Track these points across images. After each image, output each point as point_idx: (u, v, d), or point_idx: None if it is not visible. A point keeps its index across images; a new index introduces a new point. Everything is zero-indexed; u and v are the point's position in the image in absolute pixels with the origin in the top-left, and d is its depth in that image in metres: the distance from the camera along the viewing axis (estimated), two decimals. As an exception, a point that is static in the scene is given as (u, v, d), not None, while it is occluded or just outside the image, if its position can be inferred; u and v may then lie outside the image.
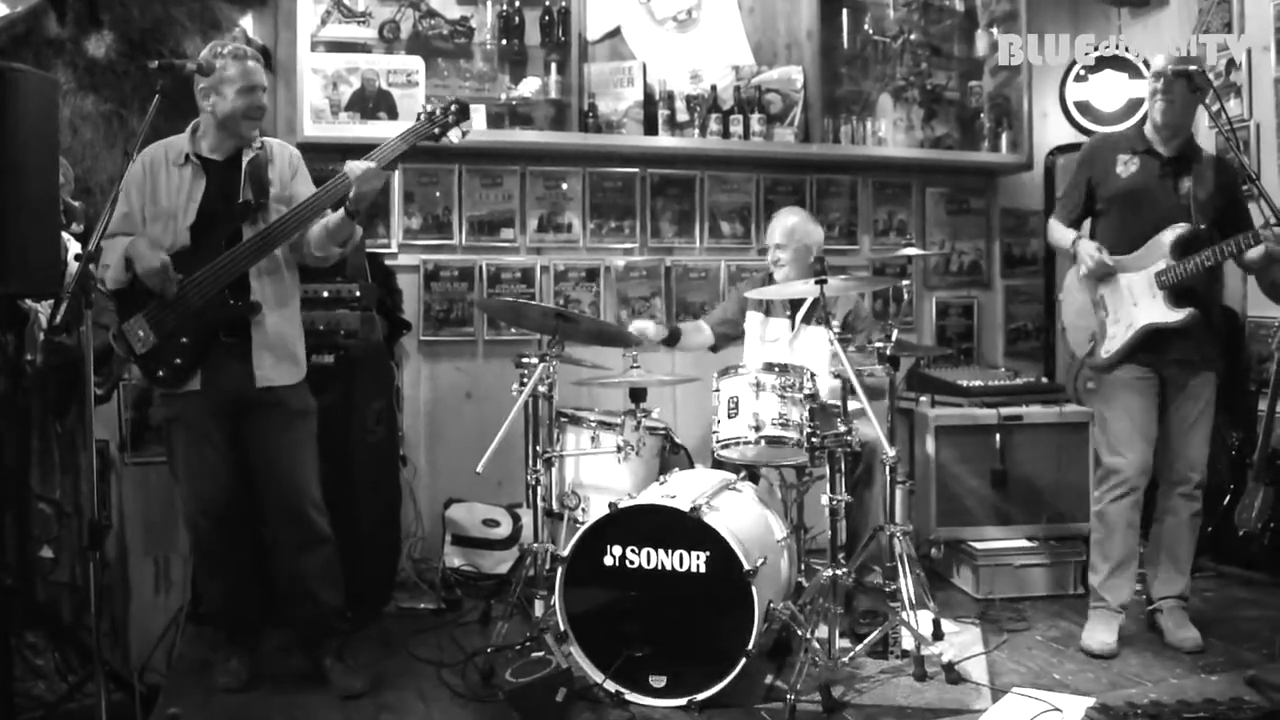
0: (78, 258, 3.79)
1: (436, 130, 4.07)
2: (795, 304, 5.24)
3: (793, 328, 5.22)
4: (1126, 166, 4.64)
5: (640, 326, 5.26)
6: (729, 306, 5.56)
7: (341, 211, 3.94)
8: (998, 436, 5.58)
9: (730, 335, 5.49)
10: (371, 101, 5.57)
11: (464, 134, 4.15)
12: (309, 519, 4.11)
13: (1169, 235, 4.49)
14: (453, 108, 4.09)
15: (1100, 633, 4.58)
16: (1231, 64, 6.13)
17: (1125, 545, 4.65)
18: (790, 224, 5.26)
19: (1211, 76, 5.76)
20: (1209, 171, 4.58)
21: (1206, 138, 6.09)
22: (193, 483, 4.08)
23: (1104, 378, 4.71)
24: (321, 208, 3.95)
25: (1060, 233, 4.85)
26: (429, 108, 4.15)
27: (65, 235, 4.19)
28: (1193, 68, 4.34)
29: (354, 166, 3.87)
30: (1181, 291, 4.48)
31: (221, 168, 4.06)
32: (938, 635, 4.69)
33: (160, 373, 3.93)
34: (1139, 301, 4.55)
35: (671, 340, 5.38)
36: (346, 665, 4.20)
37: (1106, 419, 4.72)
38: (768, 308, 5.33)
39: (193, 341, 3.90)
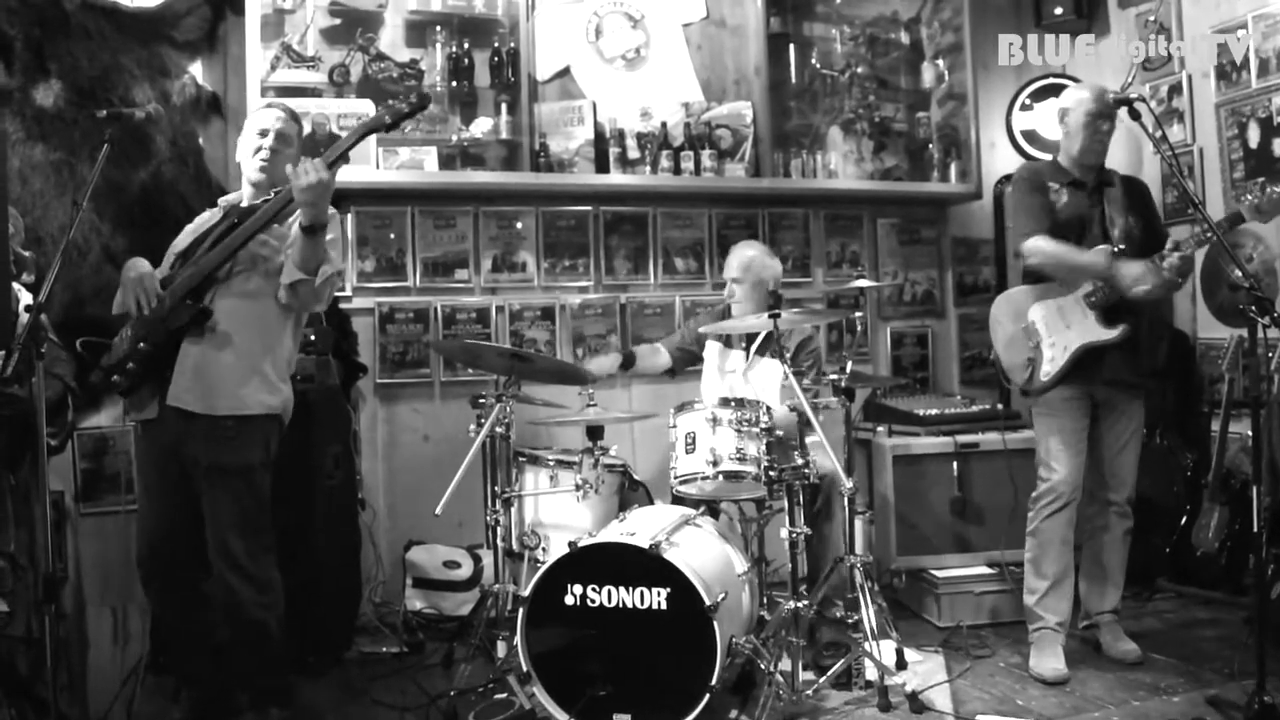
0: (28, 308, 3.76)
1: (388, 119, 3.94)
2: (750, 336, 5.27)
3: (747, 359, 5.25)
4: (1059, 197, 4.77)
5: (596, 364, 5.29)
6: (687, 334, 5.61)
7: (299, 230, 3.75)
8: (955, 464, 5.62)
9: (689, 360, 5.52)
10: (323, 146, 5.52)
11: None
12: (222, 579, 3.93)
13: None
14: (412, 97, 3.98)
15: (1049, 659, 4.64)
16: (1174, 90, 6.22)
17: (1060, 562, 4.75)
18: (748, 257, 5.31)
19: (1153, 104, 5.89)
20: (1122, 194, 4.75)
21: (1151, 164, 6.19)
22: (138, 518, 4.09)
23: (1039, 399, 4.81)
24: (274, 210, 3.82)
25: (1070, 249, 4.65)
26: (389, 101, 4.11)
27: (15, 286, 4.16)
28: (1132, 95, 4.42)
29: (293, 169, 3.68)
30: (1112, 310, 4.60)
31: (240, 210, 4.05)
32: (901, 665, 4.69)
33: (115, 377, 3.87)
34: (1072, 324, 4.67)
35: (627, 364, 5.41)
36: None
37: (1041, 437, 4.83)
38: (727, 339, 5.36)
39: (150, 346, 3.82)
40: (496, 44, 5.99)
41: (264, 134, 4.05)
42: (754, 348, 5.24)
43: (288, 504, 4.35)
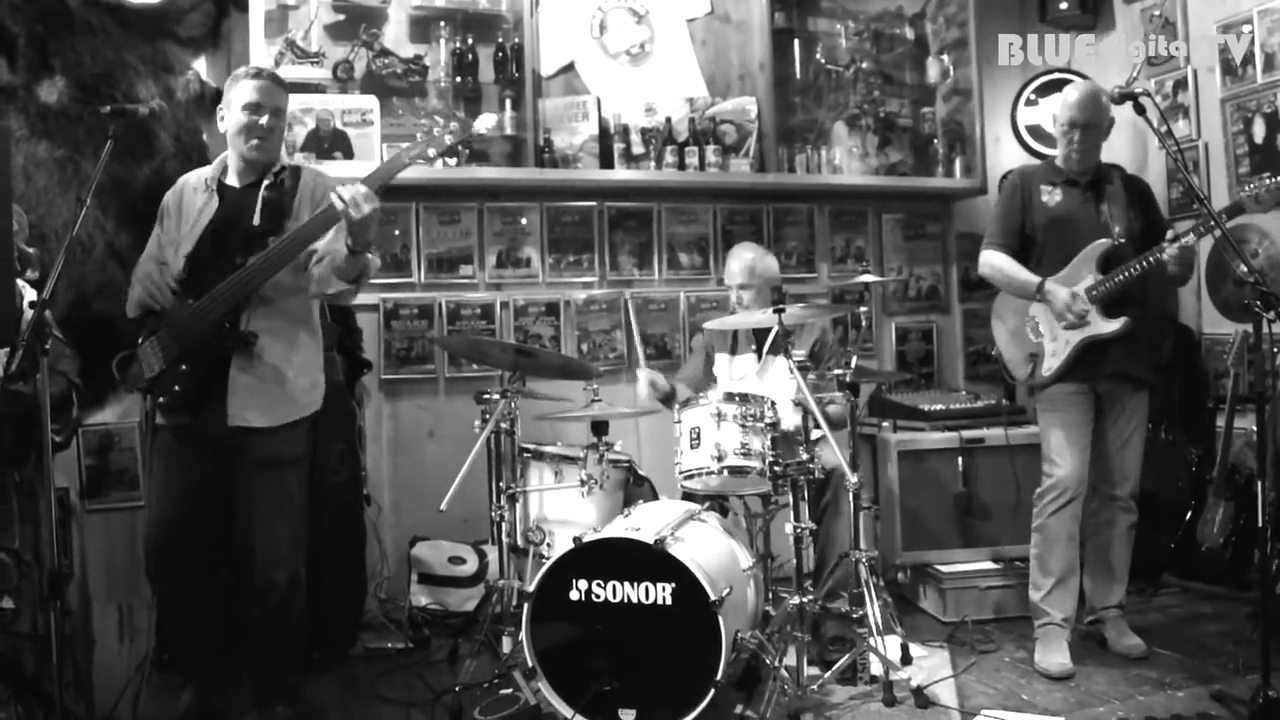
0: (32, 305, 3.76)
1: (432, 153, 3.97)
2: (760, 337, 5.26)
3: (759, 360, 5.24)
4: (1051, 196, 4.80)
5: (652, 377, 5.23)
6: (695, 361, 5.58)
7: (344, 248, 3.76)
8: (960, 460, 5.61)
9: (706, 386, 5.46)
10: (327, 142, 5.56)
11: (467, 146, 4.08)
12: (260, 573, 3.99)
13: (1094, 251, 4.67)
14: (452, 125, 4.01)
15: (1055, 654, 4.65)
16: (1179, 85, 6.21)
17: (1066, 558, 4.76)
18: (749, 261, 5.27)
19: (1158, 99, 5.88)
20: (1122, 190, 4.77)
21: (1156, 159, 6.18)
22: (155, 515, 4.07)
23: (1042, 394, 4.83)
24: (313, 234, 3.82)
25: (1014, 268, 4.82)
26: (434, 131, 4.10)
27: (20, 282, 4.16)
28: (1137, 89, 4.41)
29: (341, 194, 3.64)
30: (1113, 303, 4.61)
31: (237, 194, 4.02)
32: (906, 659, 4.70)
33: (162, 399, 3.90)
34: None
35: (669, 399, 5.32)
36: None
37: (1045, 432, 4.84)
38: (733, 346, 5.35)
39: (192, 368, 3.86)
40: (500, 39, 5.99)
41: (258, 109, 3.97)
42: (766, 347, 5.22)
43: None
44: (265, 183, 4.03)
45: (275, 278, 3.89)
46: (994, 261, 4.90)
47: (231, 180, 4.07)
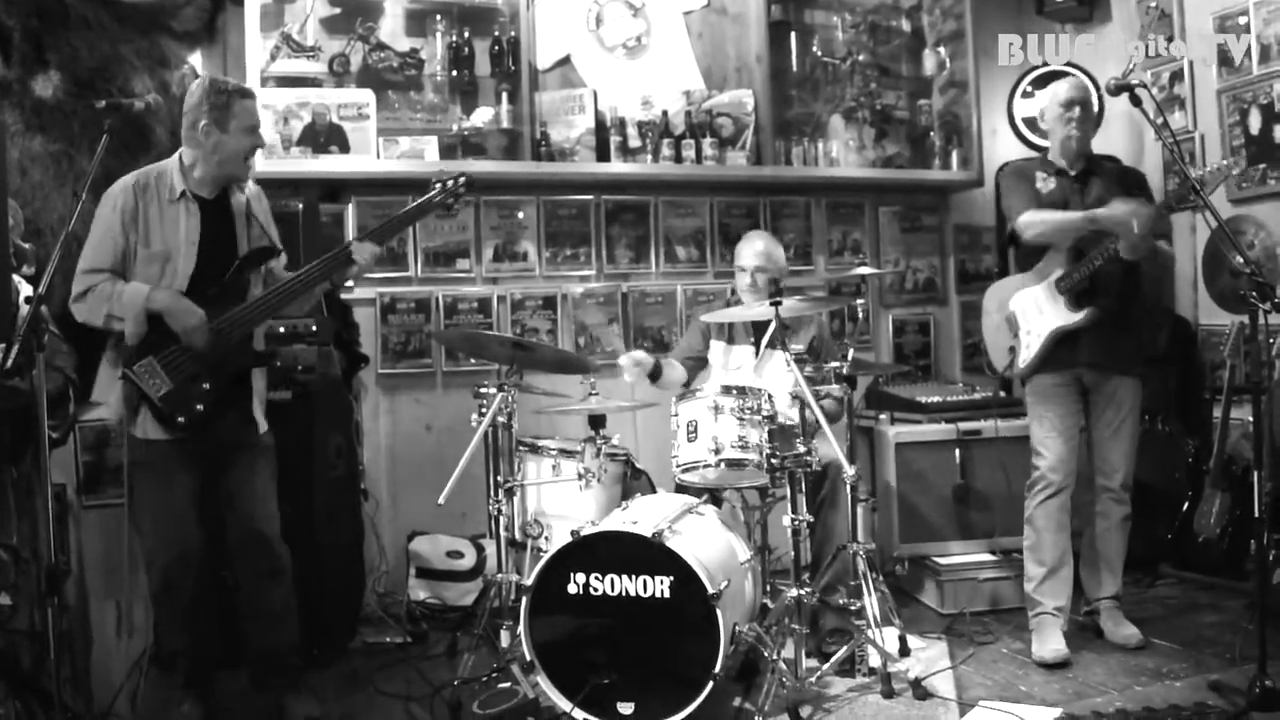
0: (28, 300, 3.76)
1: (433, 199, 4.26)
2: (758, 330, 5.25)
3: (757, 353, 5.24)
4: (1045, 185, 4.82)
5: (636, 356, 5.21)
6: (692, 338, 5.54)
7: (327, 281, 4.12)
8: (958, 452, 5.62)
9: (699, 366, 5.47)
10: (323, 136, 5.56)
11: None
12: (276, 550, 4.08)
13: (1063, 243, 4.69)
14: (460, 179, 4.28)
15: (1050, 641, 4.66)
16: (1175, 77, 6.20)
17: (1057, 548, 4.78)
18: (762, 247, 5.26)
19: (1154, 90, 5.88)
20: (1110, 181, 4.76)
21: (1153, 151, 6.18)
22: (167, 528, 4.00)
23: (1029, 386, 4.88)
24: (324, 277, 4.06)
25: (1056, 213, 4.70)
26: (434, 181, 4.27)
27: (15, 278, 4.15)
28: (1134, 81, 4.42)
29: (363, 252, 4.05)
30: (1081, 294, 4.65)
31: (213, 207, 4.03)
32: (904, 651, 4.72)
33: (180, 418, 3.88)
34: (1044, 309, 4.76)
35: (655, 375, 5.31)
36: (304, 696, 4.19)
37: (1031, 424, 4.89)
38: (730, 335, 5.35)
39: (214, 387, 3.90)
40: (497, 33, 5.99)
41: (254, 130, 4.02)
42: (764, 340, 5.22)
43: (290, 495, 4.35)
44: (240, 197, 4.12)
45: None
46: (1034, 217, 4.73)
47: (200, 191, 4.03)
